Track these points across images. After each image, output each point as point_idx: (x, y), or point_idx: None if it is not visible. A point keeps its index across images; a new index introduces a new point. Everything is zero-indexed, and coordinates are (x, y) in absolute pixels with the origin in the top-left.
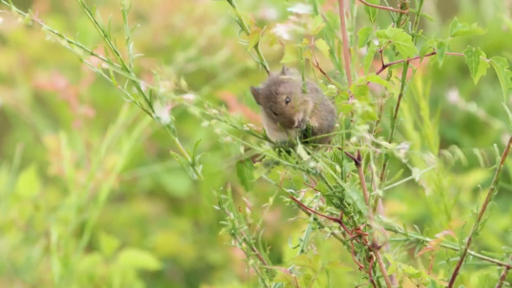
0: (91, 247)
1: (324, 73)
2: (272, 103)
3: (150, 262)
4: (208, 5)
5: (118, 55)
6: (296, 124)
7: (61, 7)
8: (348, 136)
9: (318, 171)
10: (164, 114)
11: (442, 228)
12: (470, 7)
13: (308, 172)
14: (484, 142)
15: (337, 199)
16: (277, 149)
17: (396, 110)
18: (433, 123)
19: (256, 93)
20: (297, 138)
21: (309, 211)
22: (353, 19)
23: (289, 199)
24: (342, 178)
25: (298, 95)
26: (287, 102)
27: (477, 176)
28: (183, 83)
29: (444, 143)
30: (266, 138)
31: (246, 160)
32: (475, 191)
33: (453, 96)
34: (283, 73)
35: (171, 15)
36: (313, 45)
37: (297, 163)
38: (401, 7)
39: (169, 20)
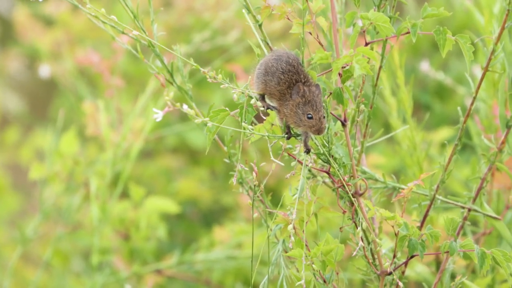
0: (124, 196)
1: (322, 45)
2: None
3: (171, 207)
4: None
5: (145, 33)
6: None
7: None
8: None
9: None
10: (159, 114)
11: (415, 177)
12: None
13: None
14: (451, 105)
15: (325, 156)
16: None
17: (377, 79)
18: (408, 89)
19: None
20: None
21: (303, 164)
22: (342, 4)
23: (286, 154)
24: (329, 137)
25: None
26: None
27: (444, 134)
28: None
29: (418, 107)
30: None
31: (249, 106)
32: (443, 146)
33: (425, 67)
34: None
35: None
36: (315, 21)
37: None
38: None
39: (191, 3)
